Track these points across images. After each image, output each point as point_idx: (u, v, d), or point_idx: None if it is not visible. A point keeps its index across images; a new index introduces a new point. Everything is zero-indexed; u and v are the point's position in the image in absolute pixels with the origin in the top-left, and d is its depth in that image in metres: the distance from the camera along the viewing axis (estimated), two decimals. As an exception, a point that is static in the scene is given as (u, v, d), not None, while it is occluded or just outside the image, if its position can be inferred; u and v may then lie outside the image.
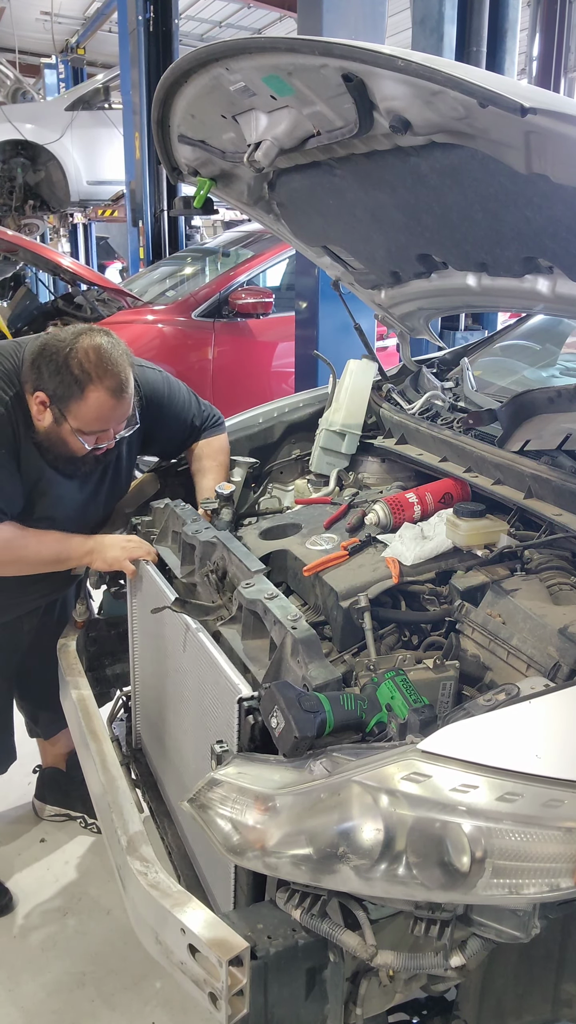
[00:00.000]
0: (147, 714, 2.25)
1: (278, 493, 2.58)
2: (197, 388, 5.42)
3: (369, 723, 1.34)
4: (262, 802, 1.24)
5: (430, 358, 2.94)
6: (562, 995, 1.39)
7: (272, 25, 13.87)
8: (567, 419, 2.02)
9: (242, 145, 1.90)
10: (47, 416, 1.93)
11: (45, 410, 1.92)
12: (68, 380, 1.88)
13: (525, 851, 1.10)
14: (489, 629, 1.58)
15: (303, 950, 1.21)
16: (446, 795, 1.13)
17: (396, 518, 1.97)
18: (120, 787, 1.72)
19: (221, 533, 1.91)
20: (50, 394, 1.90)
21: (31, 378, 1.93)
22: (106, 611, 2.46)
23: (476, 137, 1.47)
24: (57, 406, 1.91)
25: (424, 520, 1.98)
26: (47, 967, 2.17)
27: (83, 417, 1.92)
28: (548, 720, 1.23)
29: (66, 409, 1.91)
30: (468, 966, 1.20)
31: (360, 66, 1.44)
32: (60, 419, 1.92)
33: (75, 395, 1.89)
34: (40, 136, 8.94)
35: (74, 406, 1.91)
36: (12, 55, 12.00)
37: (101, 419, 1.95)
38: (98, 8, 12.75)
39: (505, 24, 4.87)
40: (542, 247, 1.72)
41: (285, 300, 5.37)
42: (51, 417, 1.93)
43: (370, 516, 1.98)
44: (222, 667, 1.54)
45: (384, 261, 2.25)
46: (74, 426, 1.93)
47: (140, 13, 6.99)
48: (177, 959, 1.27)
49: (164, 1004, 2.06)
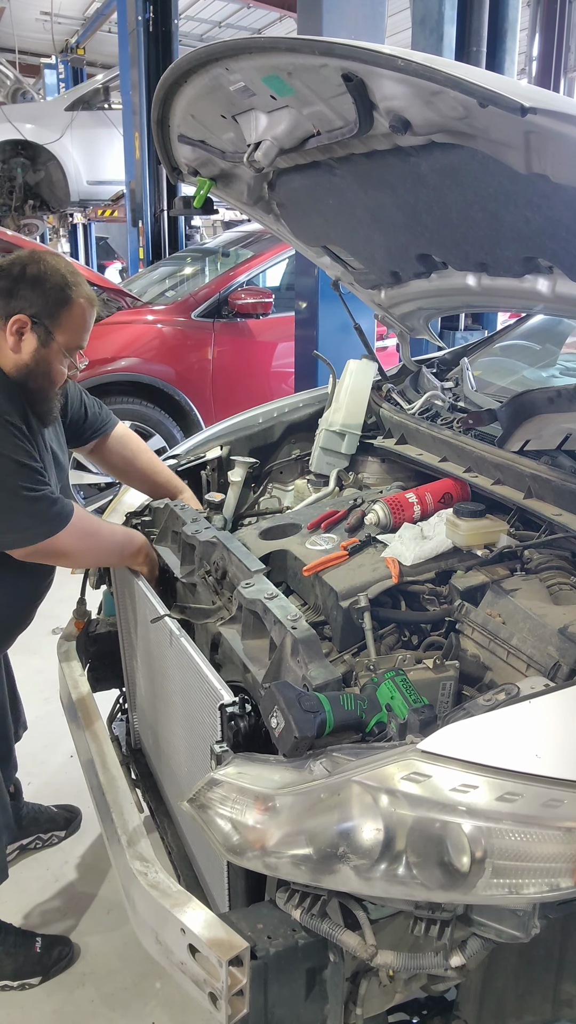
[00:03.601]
0: (142, 716, 2.25)
1: (278, 493, 2.58)
2: (197, 388, 5.43)
3: (369, 723, 1.34)
4: (262, 802, 1.24)
5: (430, 358, 2.94)
6: (562, 995, 1.39)
7: (272, 25, 13.87)
8: (567, 419, 2.02)
9: (242, 145, 1.90)
10: (28, 341, 1.80)
11: (24, 336, 1.79)
12: (55, 289, 1.79)
13: (525, 851, 1.10)
14: (489, 629, 1.58)
15: (303, 950, 1.21)
16: (446, 795, 1.13)
17: (396, 518, 1.97)
18: (120, 787, 1.72)
19: (221, 533, 1.91)
20: (34, 312, 1.79)
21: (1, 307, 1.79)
22: (105, 611, 2.47)
23: (476, 137, 1.47)
24: (44, 323, 1.80)
25: (424, 520, 1.98)
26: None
27: (72, 327, 1.83)
28: (548, 720, 1.23)
29: (54, 323, 1.81)
30: (468, 966, 1.20)
31: (360, 66, 1.44)
32: (47, 338, 1.81)
33: (66, 301, 1.80)
34: (40, 136, 8.95)
35: (64, 316, 1.81)
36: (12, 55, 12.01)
37: (85, 328, 1.87)
38: (98, 8, 12.75)
39: (505, 24, 4.87)
40: (542, 247, 1.72)
41: (285, 300, 5.37)
42: (35, 340, 1.80)
43: (370, 516, 1.98)
44: (205, 673, 1.55)
45: (384, 261, 2.25)
46: (61, 341, 1.82)
47: (140, 13, 6.99)
48: (177, 959, 1.27)
49: (164, 1004, 2.06)
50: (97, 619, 2.41)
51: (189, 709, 1.68)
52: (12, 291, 1.79)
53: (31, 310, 1.79)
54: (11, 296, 1.79)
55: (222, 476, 2.53)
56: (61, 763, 2.85)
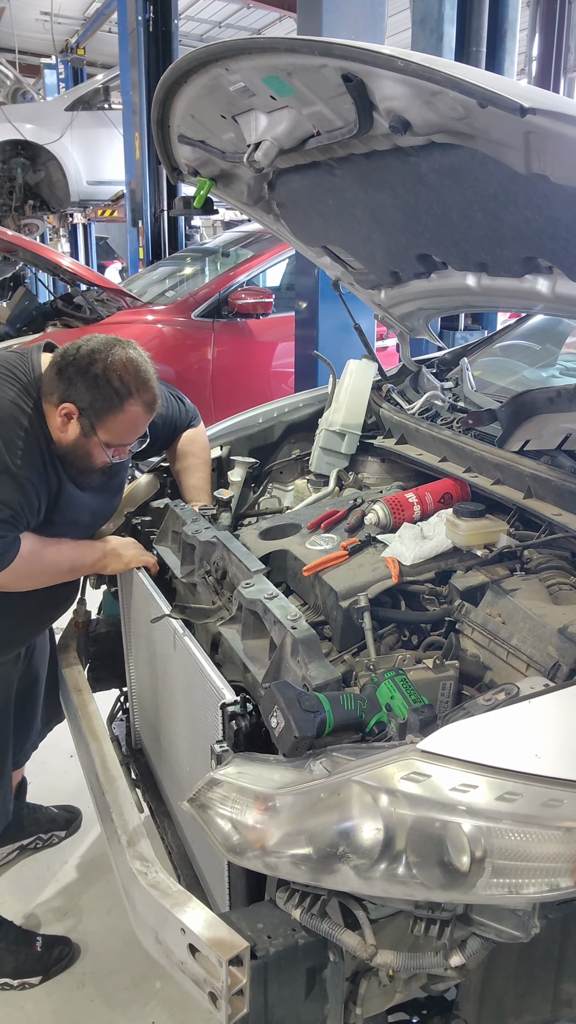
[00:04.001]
0: (144, 715, 2.25)
1: (278, 493, 2.58)
2: (197, 388, 5.43)
3: (369, 723, 1.34)
4: (262, 802, 1.24)
5: (430, 358, 2.94)
6: (562, 995, 1.39)
7: (272, 25, 13.87)
8: (567, 419, 2.02)
9: (242, 145, 1.90)
10: (73, 428, 1.85)
11: (70, 422, 1.85)
12: (108, 393, 1.82)
13: (525, 851, 1.10)
14: (489, 629, 1.58)
15: (303, 950, 1.21)
16: (446, 795, 1.13)
17: (396, 518, 1.97)
18: (120, 787, 1.72)
19: (221, 533, 1.91)
20: (84, 406, 1.83)
21: (57, 389, 1.84)
22: (105, 611, 2.47)
23: (476, 137, 1.47)
24: (89, 418, 1.84)
25: (424, 520, 1.98)
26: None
27: (116, 430, 1.87)
28: (548, 720, 1.23)
29: (99, 422, 1.85)
30: (468, 966, 1.20)
31: (360, 66, 1.44)
32: (89, 431, 1.85)
33: (113, 408, 1.84)
34: (40, 136, 8.94)
35: (109, 419, 1.85)
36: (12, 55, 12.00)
37: (134, 432, 1.92)
38: (98, 8, 12.74)
39: (505, 24, 4.87)
40: (542, 247, 1.72)
41: (285, 300, 5.37)
42: (78, 429, 1.85)
43: (370, 516, 1.98)
44: (208, 672, 1.55)
45: (384, 261, 2.25)
46: (103, 439, 1.87)
47: (140, 13, 6.99)
48: (177, 959, 1.27)
49: (164, 1004, 2.06)
50: (97, 619, 2.41)
51: (190, 709, 1.68)
52: (72, 380, 1.83)
53: (81, 403, 1.83)
54: (70, 384, 1.83)
55: (222, 476, 2.53)
56: (61, 763, 2.85)
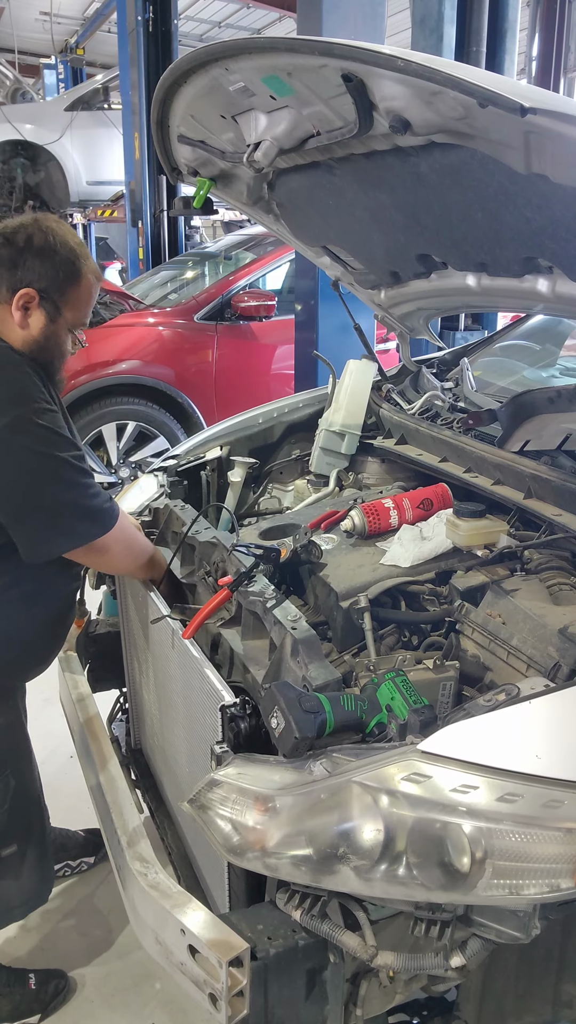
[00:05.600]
0: (143, 716, 2.25)
1: (278, 493, 2.58)
2: (199, 390, 5.44)
3: (369, 724, 1.34)
4: (262, 803, 1.24)
5: (430, 358, 2.94)
6: (562, 996, 1.38)
7: (272, 25, 13.88)
8: (567, 419, 2.02)
9: (242, 145, 1.89)
10: (36, 317, 1.67)
11: (32, 311, 1.67)
12: (62, 261, 1.67)
13: (525, 852, 1.10)
14: (489, 629, 1.58)
15: (303, 951, 1.21)
16: (446, 795, 1.13)
17: (371, 525, 1.93)
18: (120, 787, 1.72)
19: (221, 533, 1.91)
20: (43, 286, 1.66)
21: (4, 279, 1.66)
22: (105, 611, 2.47)
23: (476, 137, 1.47)
24: (52, 298, 1.68)
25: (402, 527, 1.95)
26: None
27: (79, 305, 1.72)
28: (548, 720, 1.23)
29: (63, 299, 1.69)
30: (468, 967, 1.20)
31: (360, 66, 1.44)
32: (55, 313, 1.69)
33: (73, 277, 1.69)
34: (40, 136, 8.94)
35: (72, 293, 1.70)
36: (11, 55, 12.02)
37: (90, 304, 1.76)
38: (97, 8, 12.76)
39: (505, 24, 4.87)
40: (542, 247, 1.72)
41: (287, 303, 5.37)
42: (43, 317, 1.68)
43: (345, 522, 1.96)
44: (206, 674, 1.55)
45: (384, 261, 2.25)
46: (68, 318, 1.71)
47: (139, 13, 7.00)
48: (177, 960, 1.27)
49: (164, 1004, 2.06)
50: (97, 619, 2.41)
51: (190, 709, 1.68)
52: (17, 261, 1.66)
53: (39, 284, 1.67)
54: (15, 267, 1.66)
55: (222, 476, 2.52)
56: (61, 763, 2.85)
